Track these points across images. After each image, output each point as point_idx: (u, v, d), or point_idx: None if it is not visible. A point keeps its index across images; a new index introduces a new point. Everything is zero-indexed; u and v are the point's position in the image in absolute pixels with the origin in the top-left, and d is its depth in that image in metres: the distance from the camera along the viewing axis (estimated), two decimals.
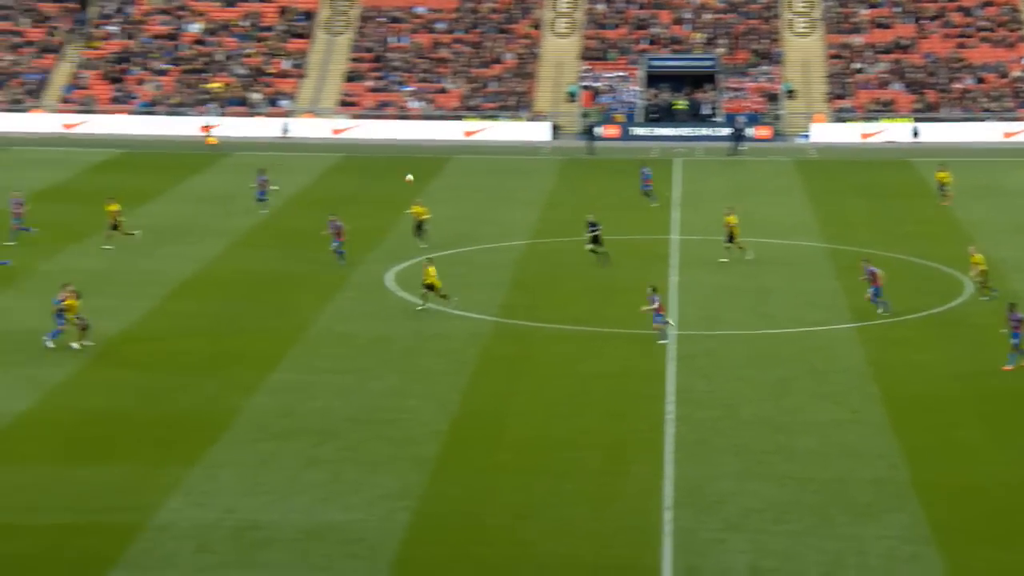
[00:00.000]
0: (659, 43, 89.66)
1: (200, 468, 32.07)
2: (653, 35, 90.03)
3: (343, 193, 65.54)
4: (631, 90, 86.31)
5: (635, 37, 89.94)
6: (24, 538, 28.53)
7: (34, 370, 38.61)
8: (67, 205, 61.14)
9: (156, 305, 45.76)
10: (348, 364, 39.86)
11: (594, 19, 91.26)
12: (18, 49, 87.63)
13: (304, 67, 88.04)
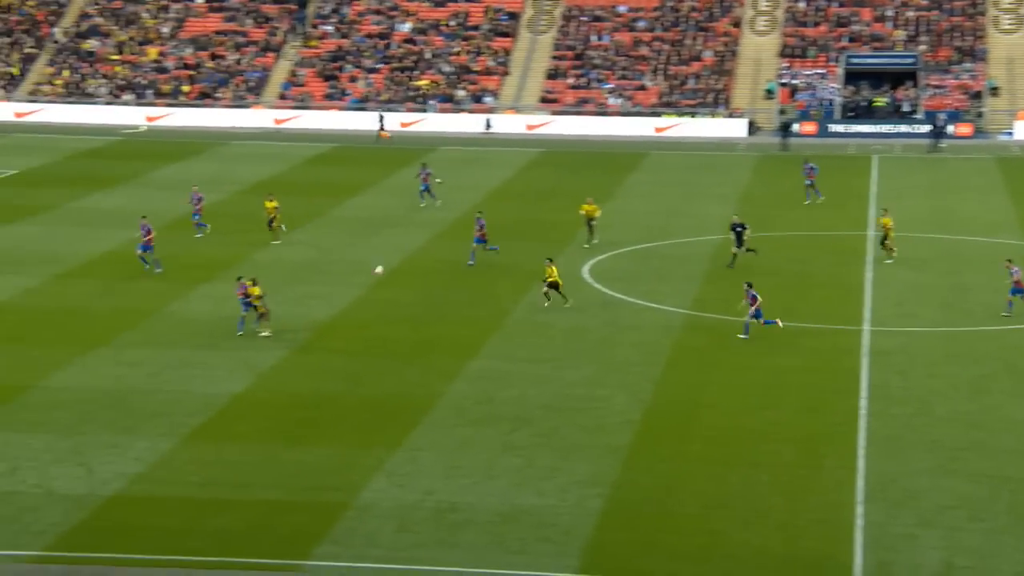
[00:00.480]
0: (859, 40, 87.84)
1: (402, 451, 32.51)
2: (854, 32, 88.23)
3: (542, 187, 65.74)
4: (830, 87, 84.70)
5: (836, 35, 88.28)
6: (237, 513, 29.30)
7: (248, 354, 39.62)
8: (281, 197, 62.58)
9: (362, 294, 46.54)
10: (544, 353, 39.96)
11: (795, 17, 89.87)
12: (241, 48, 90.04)
13: (508, 65, 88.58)
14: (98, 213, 58.41)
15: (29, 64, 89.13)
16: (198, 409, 35.17)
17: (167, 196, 61.07)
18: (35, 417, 34.41)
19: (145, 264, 47.83)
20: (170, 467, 31.55)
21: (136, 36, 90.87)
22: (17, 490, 30.01)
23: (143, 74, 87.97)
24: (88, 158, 72.63)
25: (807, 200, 60.81)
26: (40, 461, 31.60)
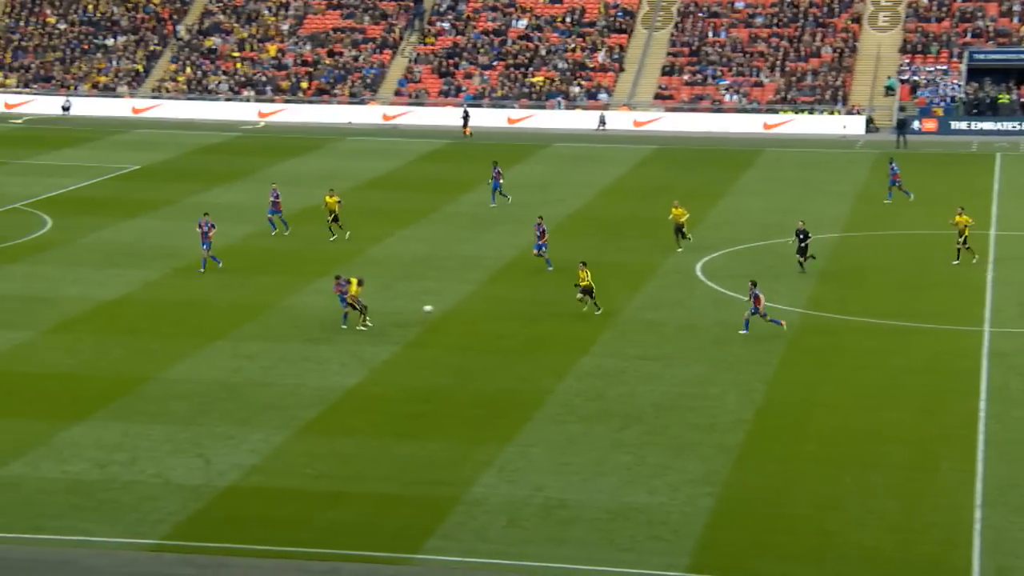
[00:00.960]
0: (983, 36, 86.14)
1: (512, 447, 32.58)
2: (978, 28, 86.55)
3: (654, 184, 65.45)
4: (952, 84, 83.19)
5: (959, 30, 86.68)
6: (350, 505, 29.58)
7: (361, 348, 39.98)
8: (395, 193, 63.07)
9: (475, 289, 46.71)
10: (655, 351, 39.79)
11: (917, 12, 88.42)
12: (359, 45, 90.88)
13: (622, 61, 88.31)
14: (217, 207, 59.29)
15: (153, 61, 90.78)
16: (312, 402, 35.58)
17: (286, 191, 61.77)
18: (154, 408, 35.06)
19: (216, 261, 47.91)
20: (284, 459, 31.95)
21: (256, 33, 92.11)
22: (137, 479, 30.60)
23: (262, 71, 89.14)
24: (207, 153, 73.81)
25: (887, 199, 59.88)
26: (159, 451, 32.19)
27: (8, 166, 68.12)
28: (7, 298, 44.74)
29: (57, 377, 37.38)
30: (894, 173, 60.51)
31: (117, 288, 46.13)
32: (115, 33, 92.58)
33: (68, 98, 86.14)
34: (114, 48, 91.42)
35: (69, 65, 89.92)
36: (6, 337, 40.37)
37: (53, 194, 61.55)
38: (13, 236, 52.94)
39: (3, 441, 32.64)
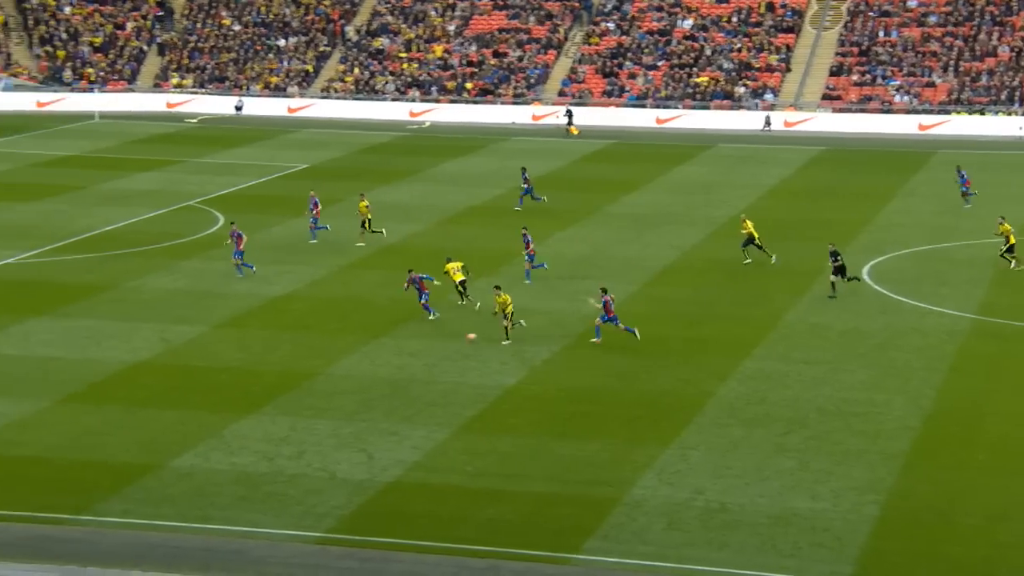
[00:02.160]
0: None
1: (672, 449, 32.41)
2: None
3: (820, 185, 64.52)
4: None
5: None
6: (509, 503, 29.73)
7: (522, 348, 40.13)
8: (557, 193, 63.17)
9: (636, 289, 46.57)
10: (820, 355, 39.21)
11: None
12: (524, 46, 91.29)
13: (789, 61, 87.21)
14: (382, 206, 60.05)
15: (323, 62, 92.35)
16: (473, 400, 35.83)
17: (448, 190, 62.39)
18: (320, 403, 35.66)
19: (241, 269, 47.53)
20: (445, 456, 32.24)
21: (423, 34, 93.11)
22: (303, 473, 31.16)
23: (428, 71, 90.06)
24: (373, 153, 74.81)
25: (966, 206, 58.00)
26: (324, 446, 32.74)
27: (184, 164, 69.92)
28: (180, 293, 45.91)
29: (227, 371, 38.25)
30: (964, 180, 58.82)
31: (285, 284, 47.02)
32: (286, 34, 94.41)
33: (241, 98, 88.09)
34: (285, 49, 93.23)
35: (242, 66, 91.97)
36: (179, 331, 41.43)
37: (224, 192, 62.98)
38: (186, 233, 54.32)
39: (176, 433, 33.52)
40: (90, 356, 39.06)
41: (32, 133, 78.90)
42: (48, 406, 35.16)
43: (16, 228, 54.66)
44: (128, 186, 63.52)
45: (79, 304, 44.20)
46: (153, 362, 38.83)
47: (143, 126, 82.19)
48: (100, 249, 51.26)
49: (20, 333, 40.85)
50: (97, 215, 56.94)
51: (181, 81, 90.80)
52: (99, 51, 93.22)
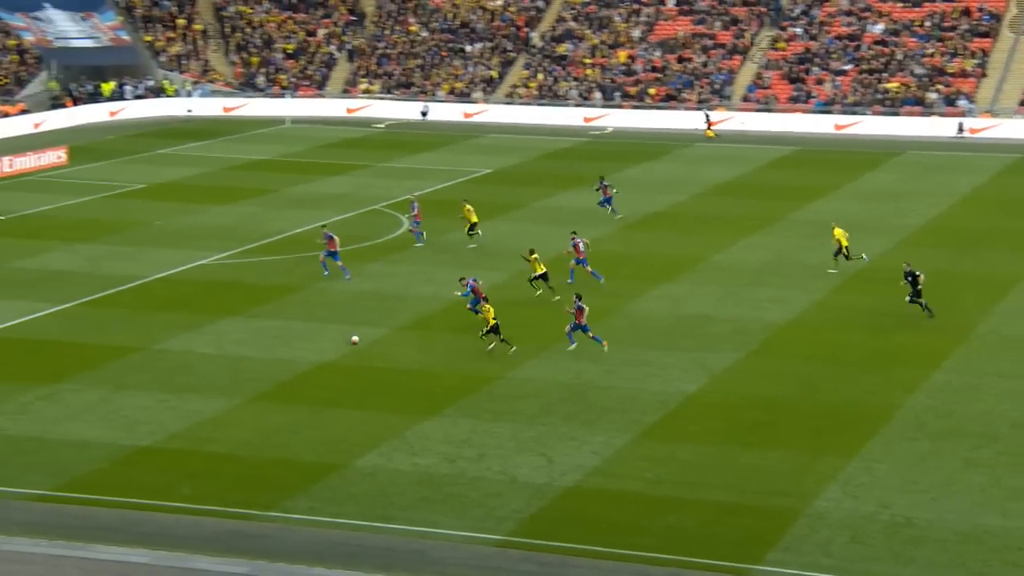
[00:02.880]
0: None
1: (857, 461, 31.84)
2: None
3: (1016, 194, 62.69)
4: None
5: None
6: (688, 512, 29.55)
7: (703, 355, 39.85)
8: (740, 200, 62.59)
9: (822, 298, 45.87)
10: (1014, 368, 38.11)
11: None
12: (709, 51, 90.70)
13: (985, 67, 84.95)
14: (564, 212, 60.26)
15: (507, 67, 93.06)
16: (652, 407, 35.71)
17: (631, 196, 62.27)
18: (500, 407, 35.92)
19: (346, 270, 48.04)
20: (624, 462, 32.18)
21: (607, 40, 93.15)
22: (483, 476, 31.42)
23: (612, 76, 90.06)
24: (557, 158, 75.08)
25: None
26: (505, 449, 32.97)
27: (370, 169, 71.11)
28: (366, 295, 46.69)
29: (410, 373, 38.78)
30: None
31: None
32: (472, 40, 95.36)
33: (426, 103, 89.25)
34: (471, 55, 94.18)
35: (428, 71, 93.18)
36: (364, 333, 42.13)
37: (409, 196, 63.84)
38: (372, 236, 55.22)
39: (359, 433, 34.11)
40: (279, 356, 39.99)
41: (226, 138, 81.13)
42: (239, 404, 36.11)
43: (210, 230, 56.25)
44: (317, 190, 64.86)
45: (269, 305, 45.28)
46: (339, 363, 39.58)
47: (332, 131, 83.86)
48: (289, 251, 52.44)
49: (214, 332, 42.02)
50: (287, 218, 58.27)
51: (369, 87, 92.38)
52: (291, 57, 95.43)
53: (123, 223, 57.06)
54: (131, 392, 36.74)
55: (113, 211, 59.54)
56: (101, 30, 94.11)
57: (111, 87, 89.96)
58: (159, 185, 66.02)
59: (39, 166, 69.48)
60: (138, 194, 63.66)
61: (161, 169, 70.23)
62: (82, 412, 35.23)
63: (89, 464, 31.95)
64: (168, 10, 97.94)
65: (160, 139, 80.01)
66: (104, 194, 63.16)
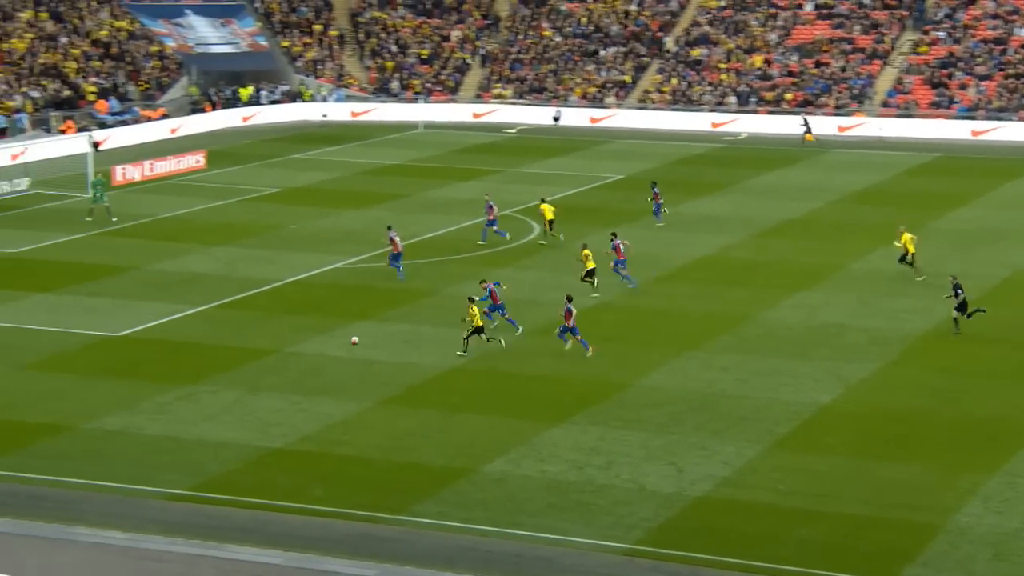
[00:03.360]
0: None
1: (1000, 476, 31.14)
2: None
3: None
4: None
5: None
6: (823, 524, 29.14)
7: (838, 365, 39.30)
8: (879, 207, 61.63)
9: None
10: None
11: None
12: (848, 56, 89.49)
13: None
14: (697, 218, 59.89)
15: (640, 72, 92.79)
16: (785, 417, 35.29)
17: (764, 203, 61.70)
18: (630, 414, 35.78)
19: (399, 272, 48.63)
20: (756, 473, 31.85)
21: (743, 44, 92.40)
22: (612, 484, 31.32)
23: (747, 81, 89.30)
24: (689, 164, 74.65)
25: None
26: (634, 457, 32.83)
27: (502, 174, 71.38)
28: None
29: (539, 379, 38.81)
30: None
31: (599, 294, 47.34)
32: (605, 45, 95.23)
33: (559, 109, 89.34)
34: (604, 59, 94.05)
35: (561, 76, 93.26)
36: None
37: (537, 202, 63.92)
38: (503, 241, 55.38)
39: (488, 438, 34.22)
40: (409, 360, 40.30)
41: (360, 142, 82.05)
42: (369, 407, 36.45)
43: (343, 234, 56.91)
44: (449, 195, 65.28)
45: (400, 309, 45.65)
46: (468, 367, 39.75)
47: (464, 136, 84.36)
48: (421, 255, 52.82)
49: (346, 336, 42.48)
50: (420, 222, 58.72)
51: (502, 92, 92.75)
52: (425, 62, 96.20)
53: (258, 226, 58.02)
54: (265, 394, 37.30)
55: (249, 214, 60.57)
56: (240, 36, 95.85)
57: (249, 92, 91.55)
58: (294, 189, 66.99)
59: (178, 170, 70.92)
60: (273, 198, 64.67)
61: (296, 173, 71.27)
62: (219, 413, 35.86)
63: (224, 464, 32.49)
64: (305, 16, 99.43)
65: (295, 144, 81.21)
66: (240, 198, 64.28)
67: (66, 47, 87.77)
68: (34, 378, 38.59)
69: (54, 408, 36.21)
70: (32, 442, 33.73)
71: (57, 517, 29.36)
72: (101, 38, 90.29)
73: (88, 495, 30.70)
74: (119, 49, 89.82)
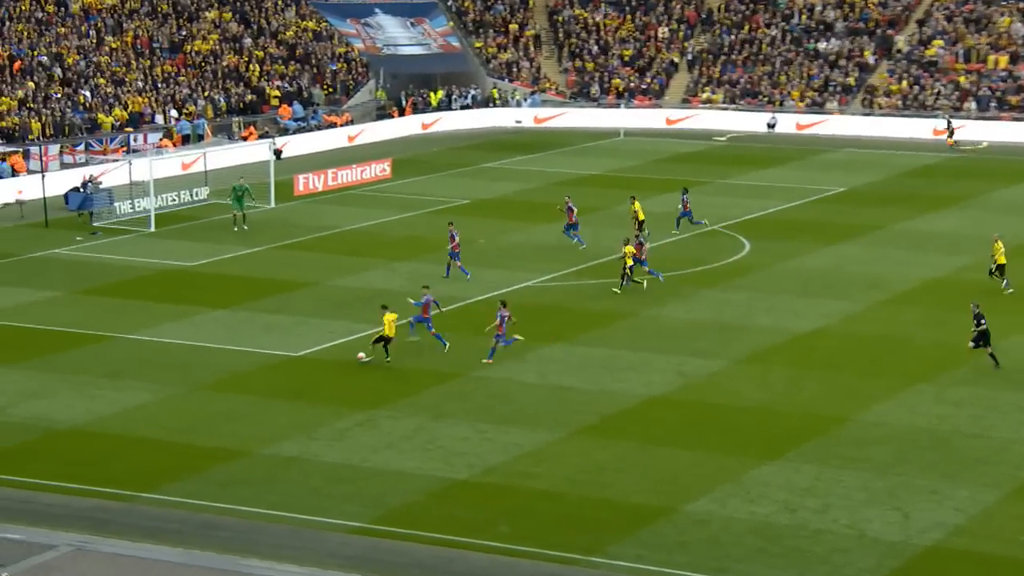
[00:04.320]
0: None
1: None
2: None
3: None
4: None
5: None
6: None
7: None
8: None
9: None
10: None
11: None
12: None
13: None
14: (927, 236, 58.62)
15: (866, 74, 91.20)
16: None
17: (1004, 220, 60.06)
18: (849, 452, 35.09)
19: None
20: (994, 522, 30.93)
21: (984, 42, 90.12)
22: (829, 529, 30.74)
23: (990, 83, 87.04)
24: (920, 176, 73.14)
25: None
26: (852, 500, 32.17)
27: (709, 185, 70.92)
28: (701, 325, 46.46)
29: (747, 411, 38.34)
30: None
31: (813, 319, 46.67)
32: (828, 45, 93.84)
33: (774, 115, 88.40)
34: (826, 57, 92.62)
35: (776, 78, 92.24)
36: (699, 365, 41.90)
37: (752, 216, 63.33)
38: (710, 259, 54.97)
39: (691, 475, 33.91)
40: (605, 387, 40.21)
41: (556, 150, 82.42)
42: (562, 438, 36.45)
43: (536, 249, 57.15)
44: (650, 208, 64.99)
45: (596, 331, 45.60)
46: (670, 397, 39.49)
47: (668, 144, 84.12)
48: (616, 275, 52.65)
49: (536, 360, 42.59)
50: (616, 238, 58.57)
51: (711, 96, 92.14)
52: (628, 64, 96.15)
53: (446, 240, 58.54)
54: (449, 421, 37.60)
55: (436, 228, 61.22)
56: (431, 36, 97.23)
57: (439, 96, 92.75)
58: (483, 201, 67.59)
59: (362, 179, 72.17)
60: (462, 210, 65.32)
61: (487, 184, 71.91)
62: (399, 441, 36.26)
63: (405, 496, 32.82)
64: (500, 14, 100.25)
65: (486, 152, 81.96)
66: (427, 209, 65.07)
67: (250, 49, 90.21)
68: (209, 399, 39.58)
69: (229, 431, 37.07)
70: (206, 467, 34.56)
71: (231, 548, 30.00)
72: (287, 39, 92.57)
73: (263, 525, 31.32)
74: (304, 51, 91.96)
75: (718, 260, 55.00)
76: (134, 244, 58.76)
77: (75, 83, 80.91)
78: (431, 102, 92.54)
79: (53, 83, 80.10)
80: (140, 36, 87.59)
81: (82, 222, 62.48)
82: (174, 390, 40.20)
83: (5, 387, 40.40)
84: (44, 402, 39.20)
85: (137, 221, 62.37)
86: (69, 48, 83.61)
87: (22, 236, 60.56)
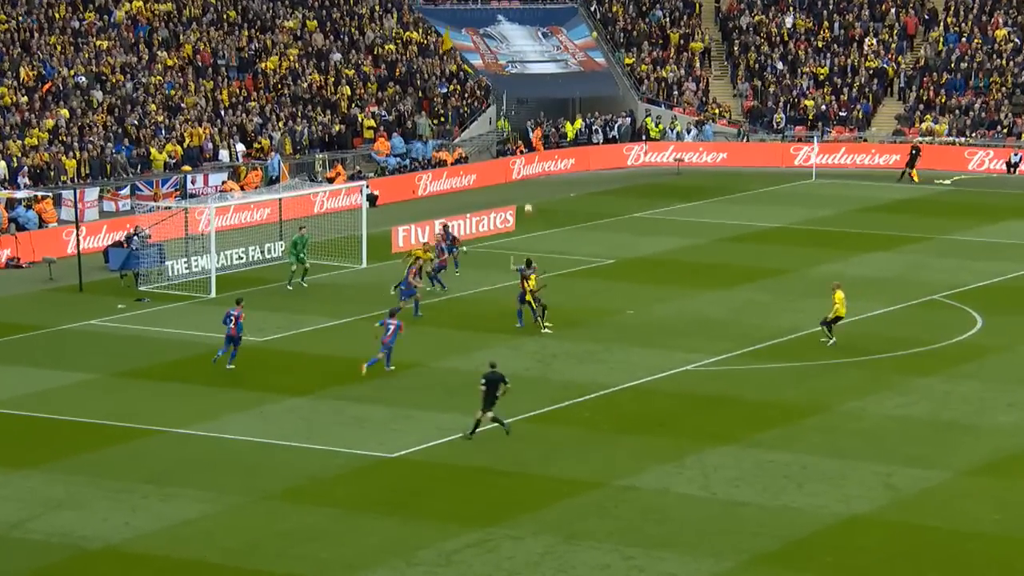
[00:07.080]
0: None
1: None
2: None
3: None
4: None
5: None
6: None
7: None
8: None
9: None
10: None
11: None
12: None
13: None
14: None
15: None
16: None
17: None
18: None
19: None
20: None
21: None
22: None
23: None
24: None
25: None
26: None
27: (928, 242, 70.45)
28: (916, 422, 46.08)
29: (979, 537, 37.86)
30: None
31: None
32: None
33: (1017, 151, 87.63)
34: None
35: (1018, 100, 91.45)
36: (914, 475, 41.53)
37: (986, 283, 62.77)
38: (930, 339, 54.50)
39: None
40: (789, 503, 39.97)
41: (726, 196, 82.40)
42: (732, 567, 36.23)
43: (699, 323, 57.06)
44: (846, 271, 64.68)
45: (777, 430, 45.38)
46: (874, 517, 39.15)
47: (874, 188, 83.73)
48: (803, 357, 52.42)
49: (700, 466, 42.47)
50: (803, 309, 58.36)
51: (934, 126, 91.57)
52: (821, 85, 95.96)
53: (584, 311, 58.66)
54: (585, 543, 37.54)
55: (575, 295, 61.26)
56: (569, 51, 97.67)
57: (577, 126, 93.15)
58: (633, 260, 67.70)
59: (478, 232, 72.44)
60: (605, 272, 65.47)
61: (636, 238, 72.05)
62: (522, 568, 36.23)
63: None
64: (659, 22, 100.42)
65: (638, 197, 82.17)
66: (560, 271, 65.15)
67: (339, 66, 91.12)
68: (282, 512, 39.88)
69: (305, 554, 37.29)
70: None
71: None
72: (385, 55, 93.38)
73: None
74: (407, 69, 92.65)
75: (941, 340, 54.57)
76: (190, 314, 59.53)
77: (119, 110, 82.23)
78: (567, 134, 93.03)
79: (92, 110, 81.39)
80: (201, 51, 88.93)
81: (126, 285, 63.47)
82: (236, 500, 40.58)
83: (25, 495, 40.96)
84: (73, 514, 39.70)
85: (194, 284, 63.17)
86: (112, 66, 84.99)
87: (51, 303, 61.59)
